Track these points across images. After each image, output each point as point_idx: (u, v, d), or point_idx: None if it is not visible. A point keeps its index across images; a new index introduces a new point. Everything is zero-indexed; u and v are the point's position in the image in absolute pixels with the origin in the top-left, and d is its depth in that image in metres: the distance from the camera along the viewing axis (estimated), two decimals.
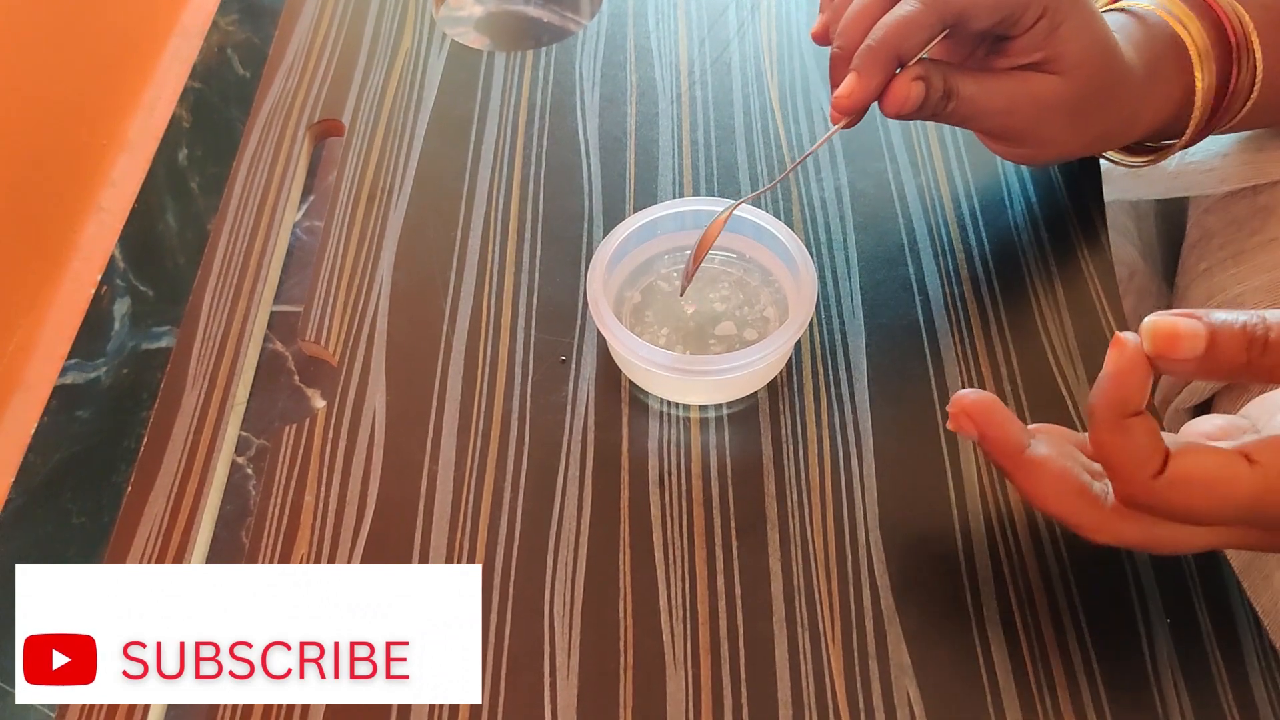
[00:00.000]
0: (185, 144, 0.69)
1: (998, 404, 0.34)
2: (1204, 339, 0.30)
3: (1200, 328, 0.30)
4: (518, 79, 0.58)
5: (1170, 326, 0.30)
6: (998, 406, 0.34)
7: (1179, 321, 0.30)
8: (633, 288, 0.47)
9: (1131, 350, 0.31)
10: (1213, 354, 0.30)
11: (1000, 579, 0.40)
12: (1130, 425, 0.31)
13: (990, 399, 0.34)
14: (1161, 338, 0.30)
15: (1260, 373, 0.30)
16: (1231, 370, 0.30)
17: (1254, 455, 0.30)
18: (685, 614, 0.39)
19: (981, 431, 0.34)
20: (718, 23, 0.61)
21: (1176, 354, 0.30)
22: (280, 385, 0.52)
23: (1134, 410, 0.31)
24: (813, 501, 0.42)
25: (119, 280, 0.62)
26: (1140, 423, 0.31)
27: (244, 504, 0.46)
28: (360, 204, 0.53)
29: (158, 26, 0.74)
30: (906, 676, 0.38)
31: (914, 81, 0.40)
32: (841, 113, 0.41)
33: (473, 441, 0.44)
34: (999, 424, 0.34)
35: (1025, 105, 0.42)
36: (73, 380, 0.58)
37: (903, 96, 0.40)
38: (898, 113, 0.41)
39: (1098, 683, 0.37)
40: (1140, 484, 0.31)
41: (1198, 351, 0.30)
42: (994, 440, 0.34)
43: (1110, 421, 0.31)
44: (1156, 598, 0.39)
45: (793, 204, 0.52)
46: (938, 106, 0.41)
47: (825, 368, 0.46)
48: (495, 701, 0.37)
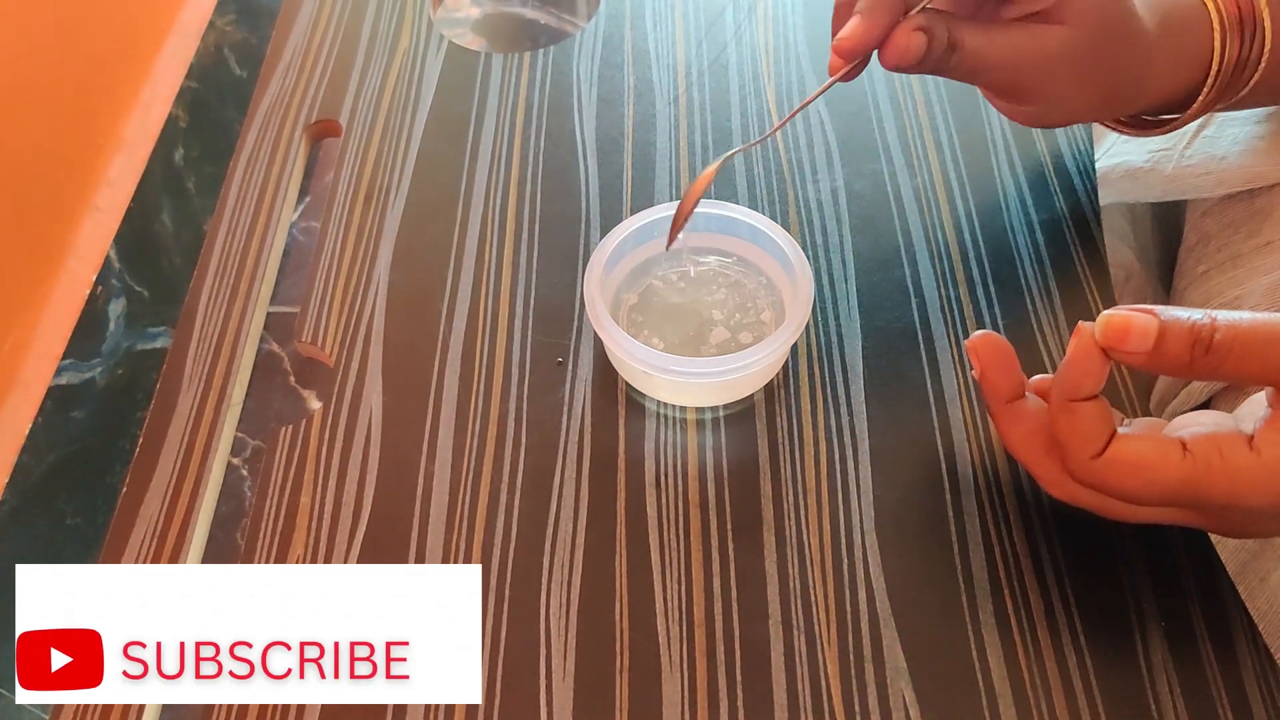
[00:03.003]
0: (182, 144, 0.69)
1: (1010, 353, 0.37)
2: (1153, 335, 0.32)
3: (1152, 324, 0.32)
4: (515, 80, 0.58)
5: (1124, 321, 0.32)
6: (1008, 354, 0.37)
7: (1133, 317, 0.32)
8: (630, 289, 0.47)
9: (1087, 339, 0.33)
10: (1160, 349, 0.32)
11: (996, 582, 0.40)
12: (1079, 408, 0.34)
13: (1004, 346, 0.37)
14: (1114, 330, 0.33)
15: (1201, 370, 0.32)
16: (1177, 366, 0.32)
17: (1190, 445, 0.33)
18: (681, 616, 0.39)
19: (983, 371, 0.37)
20: (715, 25, 0.61)
21: (1126, 346, 0.32)
22: (276, 386, 0.52)
23: (1086, 394, 0.34)
24: (809, 504, 0.42)
25: (114, 280, 0.62)
26: (1090, 406, 0.34)
27: (239, 505, 0.46)
28: (357, 204, 0.53)
29: (155, 26, 0.74)
30: (902, 679, 0.38)
31: (915, 32, 0.38)
32: (842, 56, 0.39)
33: (469, 443, 0.44)
34: (1002, 369, 0.37)
35: (1031, 57, 0.41)
36: (68, 380, 0.58)
37: (903, 46, 0.39)
38: (897, 64, 0.39)
39: (1093, 686, 0.37)
40: (1081, 462, 0.34)
41: (1146, 346, 0.32)
42: (991, 382, 0.37)
43: (1061, 403, 0.34)
44: (1152, 601, 0.39)
45: (789, 206, 0.52)
46: (941, 60, 0.40)
47: (821, 370, 0.46)
48: (492, 702, 0.37)
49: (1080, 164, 0.53)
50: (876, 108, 0.56)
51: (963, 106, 0.56)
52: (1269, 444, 0.32)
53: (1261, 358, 0.31)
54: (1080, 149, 0.54)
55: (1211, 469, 0.32)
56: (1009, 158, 0.54)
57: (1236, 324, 0.32)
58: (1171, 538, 0.41)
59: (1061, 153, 0.54)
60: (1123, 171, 0.54)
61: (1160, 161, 0.53)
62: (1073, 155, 0.54)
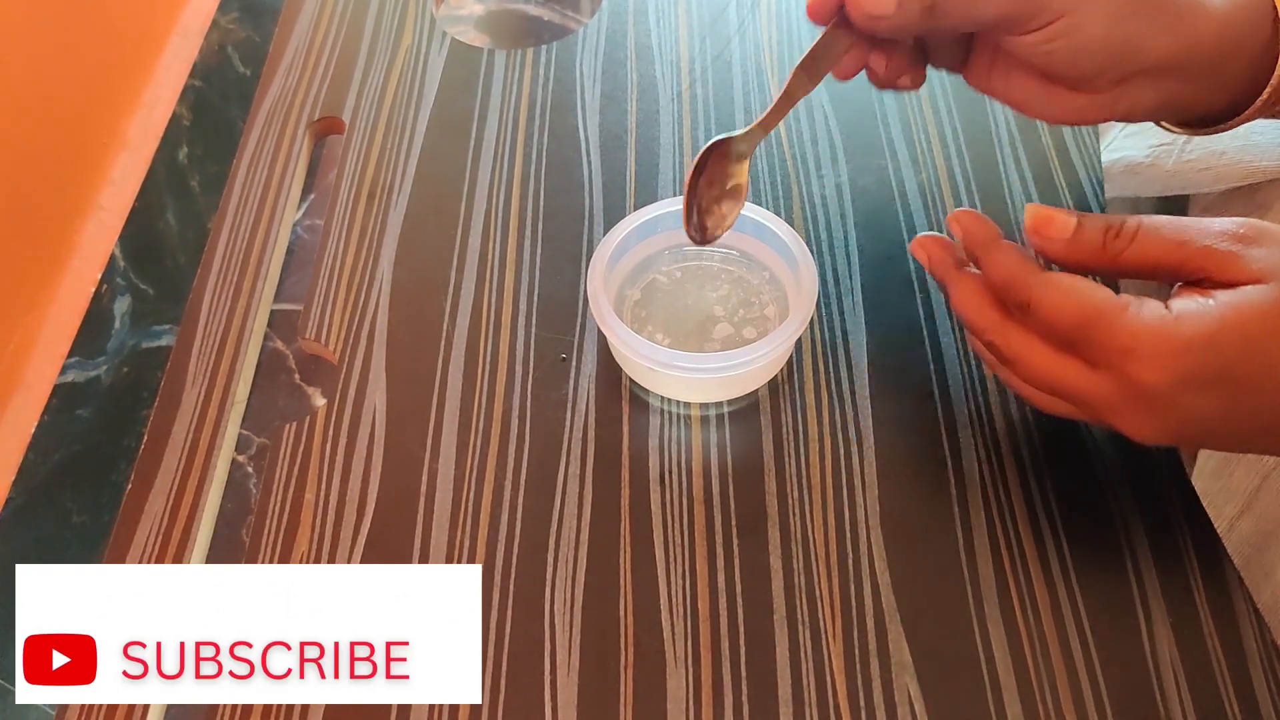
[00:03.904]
0: (185, 142, 0.69)
1: (949, 244, 0.40)
2: (1072, 226, 0.36)
3: (1073, 217, 0.36)
4: (518, 77, 0.58)
5: (1048, 210, 0.36)
6: (948, 245, 0.40)
7: (1057, 210, 0.36)
8: (633, 285, 0.47)
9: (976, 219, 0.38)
10: (1078, 236, 0.36)
11: (1001, 576, 0.40)
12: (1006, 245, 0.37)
13: (944, 242, 0.40)
14: (1039, 218, 0.36)
15: (1112, 255, 0.35)
16: (1091, 253, 0.36)
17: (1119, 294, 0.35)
18: (686, 611, 0.39)
19: (930, 261, 0.40)
20: (718, 20, 0.61)
21: (1049, 232, 0.36)
22: (280, 383, 0.52)
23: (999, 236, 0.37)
24: (813, 499, 0.42)
25: (119, 279, 0.62)
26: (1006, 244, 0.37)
27: (244, 502, 0.46)
28: (360, 202, 0.53)
29: (158, 25, 0.74)
30: (907, 674, 0.37)
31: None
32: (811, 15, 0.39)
33: (473, 439, 0.44)
34: (944, 248, 0.40)
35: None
36: (73, 379, 0.58)
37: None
38: (868, 16, 0.37)
39: (1099, 679, 0.37)
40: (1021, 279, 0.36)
41: (1066, 234, 0.36)
42: (937, 260, 0.40)
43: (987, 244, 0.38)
44: (1159, 595, 0.39)
45: (793, 201, 0.52)
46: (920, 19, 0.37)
47: (826, 365, 0.46)
48: (496, 700, 0.37)
49: (1085, 158, 0.53)
50: (881, 103, 0.56)
51: (968, 101, 0.56)
52: (1186, 313, 0.33)
53: (1165, 238, 0.34)
54: (1085, 144, 0.54)
55: (1125, 311, 0.33)
56: (1014, 153, 0.54)
57: (1146, 216, 0.35)
58: (1178, 529, 0.40)
59: (1067, 147, 0.54)
60: (1124, 166, 0.53)
61: (1161, 157, 0.52)
62: (1078, 149, 0.54)
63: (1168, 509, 0.41)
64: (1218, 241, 0.34)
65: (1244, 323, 0.32)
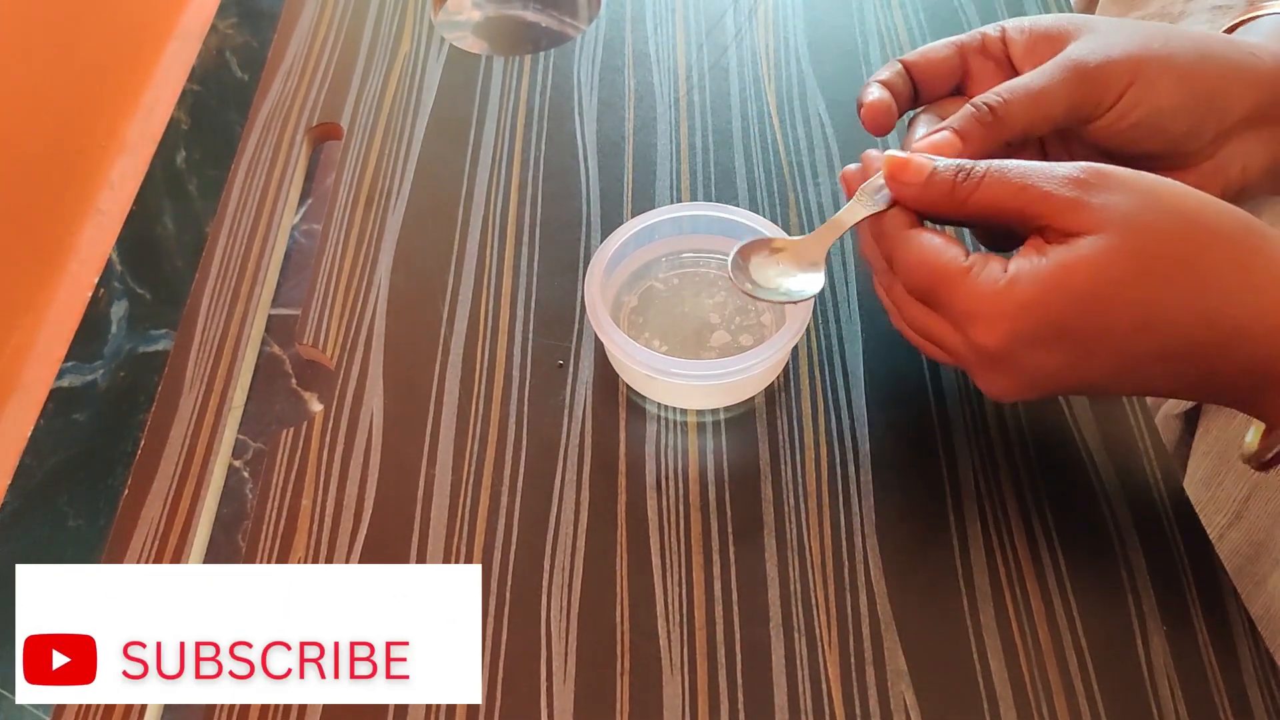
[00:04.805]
0: (184, 147, 0.69)
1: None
2: (927, 171, 0.36)
3: (927, 164, 0.36)
4: (516, 83, 0.58)
5: (905, 157, 0.37)
6: None
7: (913, 155, 0.37)
8: (630, 292, 0.47)
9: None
10: (932, 179, 0.36)
11: (997, 585, 0.40)
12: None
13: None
14: (896, 164, 0.37)
15: (959, 199, 0.35)
16: (941, 196, 0.36)
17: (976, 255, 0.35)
18: (682, 619, 0.39)
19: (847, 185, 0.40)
20: (715, 28, 0.61)
21: (905, 177, 0.36)
22: (278, 388, 0.52)
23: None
24: (809, 507, 0.42)
25: (116, 283, 0.62)
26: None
27: (241, 507, 0.46)
28: (358, 207, 0.53)
29: (157, 29, 0.74)
30: (903, 682, 0.38)
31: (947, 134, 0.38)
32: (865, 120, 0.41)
33: (470, 445, 0.44)
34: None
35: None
36: (70, 383, 0.58)
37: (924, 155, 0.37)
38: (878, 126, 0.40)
39: (1094, 688, 0.37)
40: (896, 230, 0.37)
41: (921, 178, 0.36)
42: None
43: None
44: (1153, 603, 0.39)
45: (790, 209, 0.52)
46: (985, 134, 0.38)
47: (822, 373, 0.46)
48: (493, 703, 0.37)
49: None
50: None
51: None
52: (1020, 274, 0.33)
53: (1010, 182, 0.34)
54: None
55: (966, 274, 0.34)
56: None
57: (1002, 160, 0.35)
58: (1172, 538, 0.41)
59: None
60: None
61: None
62: None
63: (1162, 518, 0.41)
64: (1058, 187, 0.33)
65: (1073, 281, 0.33)
